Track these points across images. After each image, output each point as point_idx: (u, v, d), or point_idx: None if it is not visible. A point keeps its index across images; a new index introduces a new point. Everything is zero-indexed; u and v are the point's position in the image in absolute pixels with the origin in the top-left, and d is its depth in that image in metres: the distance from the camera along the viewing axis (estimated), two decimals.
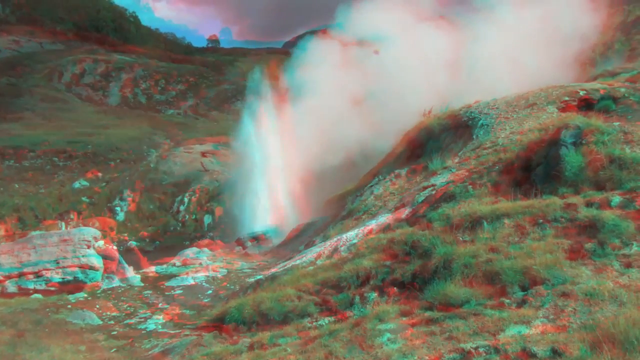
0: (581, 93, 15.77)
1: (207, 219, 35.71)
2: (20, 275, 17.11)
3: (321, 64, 34.22)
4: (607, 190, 8.97)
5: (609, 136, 10.09)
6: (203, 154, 42.41)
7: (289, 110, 33.51)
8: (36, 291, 16.90)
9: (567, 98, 15.77)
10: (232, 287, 17.43)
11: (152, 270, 20.96)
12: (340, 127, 31.48)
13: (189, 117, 63.14)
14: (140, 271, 20.51)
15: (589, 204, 8.62)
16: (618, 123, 11.28)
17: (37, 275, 17.15)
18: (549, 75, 24.18)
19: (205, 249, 24.62)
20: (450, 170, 13.97)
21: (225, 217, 34.58)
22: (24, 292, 16.81)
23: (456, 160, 14.66)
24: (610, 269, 6.96)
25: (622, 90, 14.82)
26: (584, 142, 10.19)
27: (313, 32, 48.84)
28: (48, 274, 17.17)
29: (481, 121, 16.40)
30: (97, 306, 15.64)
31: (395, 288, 9.00)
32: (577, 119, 11.18)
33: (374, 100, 31.77)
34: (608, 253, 7.32)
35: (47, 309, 15.10)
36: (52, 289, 17.01)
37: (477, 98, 18.91)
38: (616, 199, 8.51)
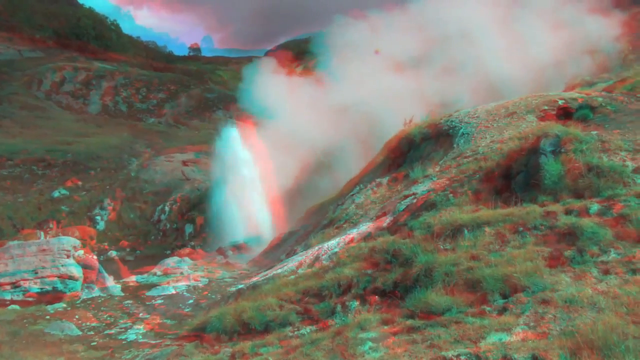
0: (560, 102, 15.96)
1: (188, 228, 35.46)
2: None
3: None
4: (586, 198, 9.08)
5: (587, 145, 10.23)
6: (184, 163, 42.18)
7: (269, 123, 33.74)
8: (13, 302, 16.62)
9: (546, 107, 15.96)
10: (213, 296, 17.33)
11: (132, 279, 20.78)
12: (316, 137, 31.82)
13: (170, 125, 62.73)
14: (121, 281, 20.33)
15: (568, 212, 8.72)
16: (596, 132, 11.44)
17: (15, 285, 16.87)
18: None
19: (187, 258, 24.45)
20: (431, 178, 14.04)
21: (206, 226, 34.40)
22: (1, 303, 16.51)
23: (437, 169, 14.73)
24: (589, 276, 7.03)
25: (599, 99, 15.03)
26: (563, 150, 10.31)
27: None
28: (26, 284, 16.89)
29: (462, 130, 16.51)
30: (77, 316, 15.43)
31: (376, 296, 9.01)
32: (556, 127, 11.31)
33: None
34: (587, 260, 7.39)
35: (25, 320, 14.87)
36: (30, 299, 16.73)
37: None
38: (594, 206, 8.62)
